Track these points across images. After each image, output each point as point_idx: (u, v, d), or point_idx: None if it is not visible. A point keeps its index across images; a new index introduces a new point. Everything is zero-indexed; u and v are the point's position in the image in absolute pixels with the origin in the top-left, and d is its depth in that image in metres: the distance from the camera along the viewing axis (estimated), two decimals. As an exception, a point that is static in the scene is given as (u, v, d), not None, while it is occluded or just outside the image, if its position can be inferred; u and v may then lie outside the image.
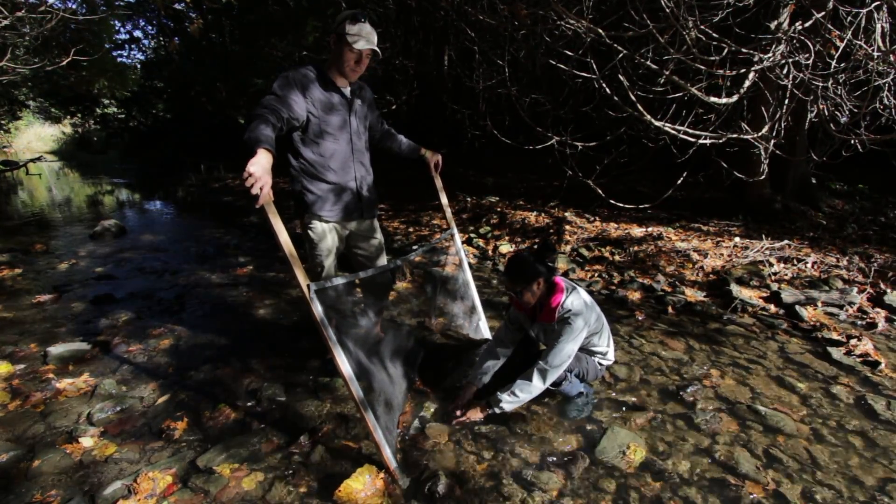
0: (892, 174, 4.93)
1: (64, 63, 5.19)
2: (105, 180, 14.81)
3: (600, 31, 3.04)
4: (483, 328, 2.90)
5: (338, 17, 2.08)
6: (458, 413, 2.12)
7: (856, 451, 1.93)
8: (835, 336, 2.88)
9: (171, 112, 19.59)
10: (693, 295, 3.59)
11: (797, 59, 2.96)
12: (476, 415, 2.10)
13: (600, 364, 2.28)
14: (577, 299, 2.04)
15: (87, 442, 2.01)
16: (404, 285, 3.99)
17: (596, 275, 4.13)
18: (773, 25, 3.23)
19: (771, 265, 3.84)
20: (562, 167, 4.48)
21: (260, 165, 1.53)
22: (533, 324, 2.22)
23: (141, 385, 2.49)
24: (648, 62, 3.07)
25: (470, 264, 4.68)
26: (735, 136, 3.35)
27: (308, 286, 1.62)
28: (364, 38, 2.04)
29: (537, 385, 2.01)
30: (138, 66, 21.50)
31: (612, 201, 4.07)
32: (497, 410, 2.05)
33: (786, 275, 3.68)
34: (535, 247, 2.10)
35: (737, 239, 4.47)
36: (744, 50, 2.97)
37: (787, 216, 5.06)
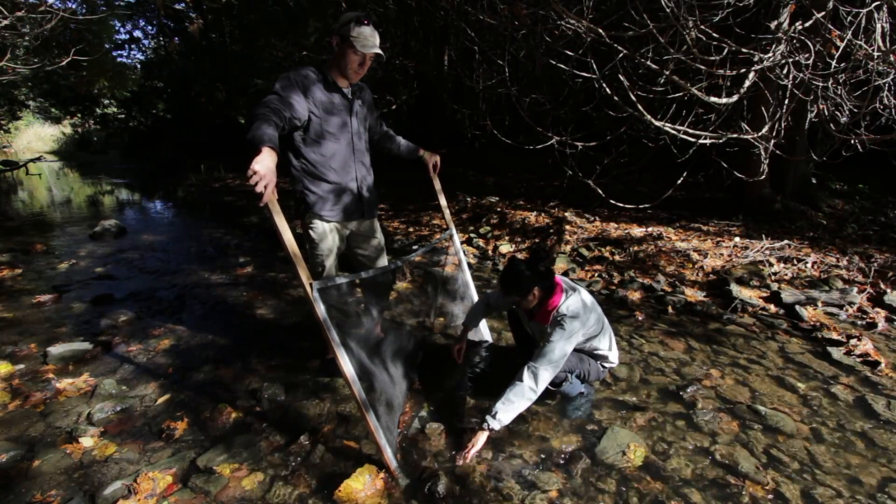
0: (892, 174, 4.93)
1: (64, 63, 5.18)
2: (105, 180, 14.80)
3: (600, 31, 3.04)
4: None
5: (341, 19, 2.08)
6: (467, 452, 1.90)
7: (856, 451, 1.93)
8: (835, 336, 2.88)
9: (171, 112, 19.59)
10: (693, 295, 3.59)
11: (797, 59, 2.96)
12: (479, 441, 1.91)
13: (603, 367, 2.27)
14: (575, 302, 2.03)
15: (87, 442, 2.01)
16: (404, 285, 3.99)
17: (596, 275, 4.13)
18: (773, 25, 3.22)
19: (771, 265, 3.84)
20: (562, 167, 4.48)
21: (264, 164, 1.54)
22: (529, 321, 2.22)
23: (141, 385, 2.49)
24: (648, 62, 3.07)
25: (470, 264, 4.70)
26: (735, 136, 3.35)
27: (311, 285, 1.62)
28: (369, 41, 2.05)
29: (529, 384, 1.89)
30: (138, 66, 21.54)
31: (612, 201, 4.07)
32: (496, 426, 1.88)
33: (786, 275, 3.68)
34: (528, 255, 2.12)
35: (737, 239, 4.47)
36: (744, 50, 2.97)
37: (787, 216, 5.06)
